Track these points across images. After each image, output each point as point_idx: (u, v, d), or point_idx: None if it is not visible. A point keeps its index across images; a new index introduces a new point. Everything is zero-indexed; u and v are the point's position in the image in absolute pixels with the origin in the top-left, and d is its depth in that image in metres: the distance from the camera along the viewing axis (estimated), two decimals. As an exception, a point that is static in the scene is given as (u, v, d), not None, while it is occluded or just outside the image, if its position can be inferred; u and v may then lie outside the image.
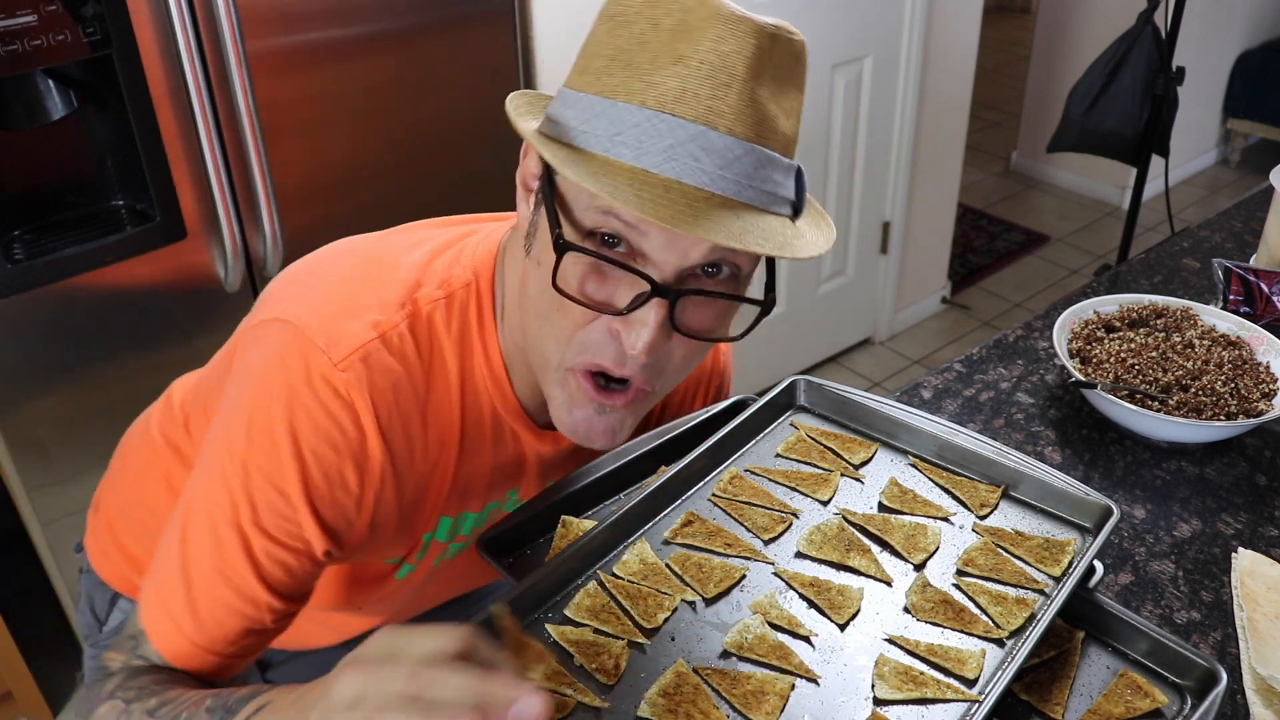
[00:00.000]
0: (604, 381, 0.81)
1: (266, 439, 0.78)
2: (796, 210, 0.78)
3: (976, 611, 0.87)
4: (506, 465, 0.94)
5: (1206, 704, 0.80)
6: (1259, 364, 1.30)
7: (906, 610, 0.87)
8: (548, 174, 0.77)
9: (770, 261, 0.82)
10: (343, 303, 0.82)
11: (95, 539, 1.14)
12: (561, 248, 0.73)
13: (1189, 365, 1.28)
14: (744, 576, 0.90)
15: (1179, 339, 1.34)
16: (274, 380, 0.79)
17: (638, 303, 0.74)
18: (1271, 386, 1.27)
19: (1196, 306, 1.41)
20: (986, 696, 0.78)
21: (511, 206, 0.88)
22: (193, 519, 0.80)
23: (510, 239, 0.88)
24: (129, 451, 1.12)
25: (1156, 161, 3.14)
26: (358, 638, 1.08)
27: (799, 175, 0.78)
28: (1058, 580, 0.90)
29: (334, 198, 1.88)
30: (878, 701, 0.79)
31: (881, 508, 0.98)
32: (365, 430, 0.80)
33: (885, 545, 0.94)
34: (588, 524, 0.93)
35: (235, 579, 0.79)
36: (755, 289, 0.83)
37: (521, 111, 0.80)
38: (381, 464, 0.82)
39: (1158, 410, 1.23)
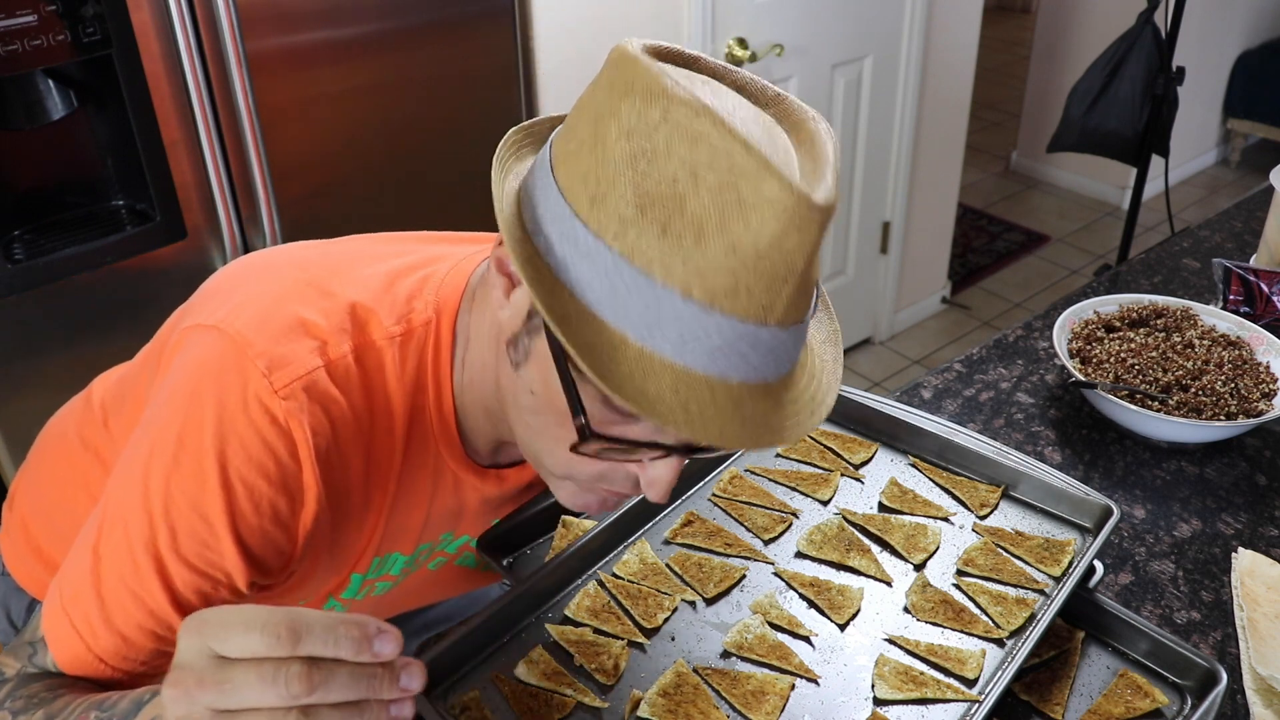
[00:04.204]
0: None
1: (194, 462, 0.73)
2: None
3: (976, 611, 0.87)
4: (444, 509, 0.89)
5: (1206, 704, 0.80)
6: (1259, 364, 1.30)
7: (906, 610, 0.87)
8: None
9: None
10: (286, 318, 0.76)
11: (10, 538, 1.07)
12: (587, 436, 0.68)
13: (1189, 365, 1.28)
14: (744, 576, 0.90)
15: (1179, 339, 1.34)
16: (206, 397, 0.73)
17: (657, 457, 0.71)
18: (1271, 386, 1.27)
19: (1196, 306, 1.41)
20: (986, 696, 0.78)
21: None
22: (109, 533, 0.75)
23: (479, 291, 0.82)
24: (46, 448, 1.06)
25: (1156, 161, 3.14)
26: None
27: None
28: (1058, 580, 0.90)
29: (334, 197, 1.88)
30: (878, 701, 0.79)
31: (881, 508, 0.98)
32: (301, 463, 0.74)
33: (885, 545, 0.94)
34: (588, 524, 0.93)
35: (149, 602, 0.74)
36: None
37: (507, 166, 0.73)
38: (317, 499, 0.76)
39: (1158, 410, 1.23)
